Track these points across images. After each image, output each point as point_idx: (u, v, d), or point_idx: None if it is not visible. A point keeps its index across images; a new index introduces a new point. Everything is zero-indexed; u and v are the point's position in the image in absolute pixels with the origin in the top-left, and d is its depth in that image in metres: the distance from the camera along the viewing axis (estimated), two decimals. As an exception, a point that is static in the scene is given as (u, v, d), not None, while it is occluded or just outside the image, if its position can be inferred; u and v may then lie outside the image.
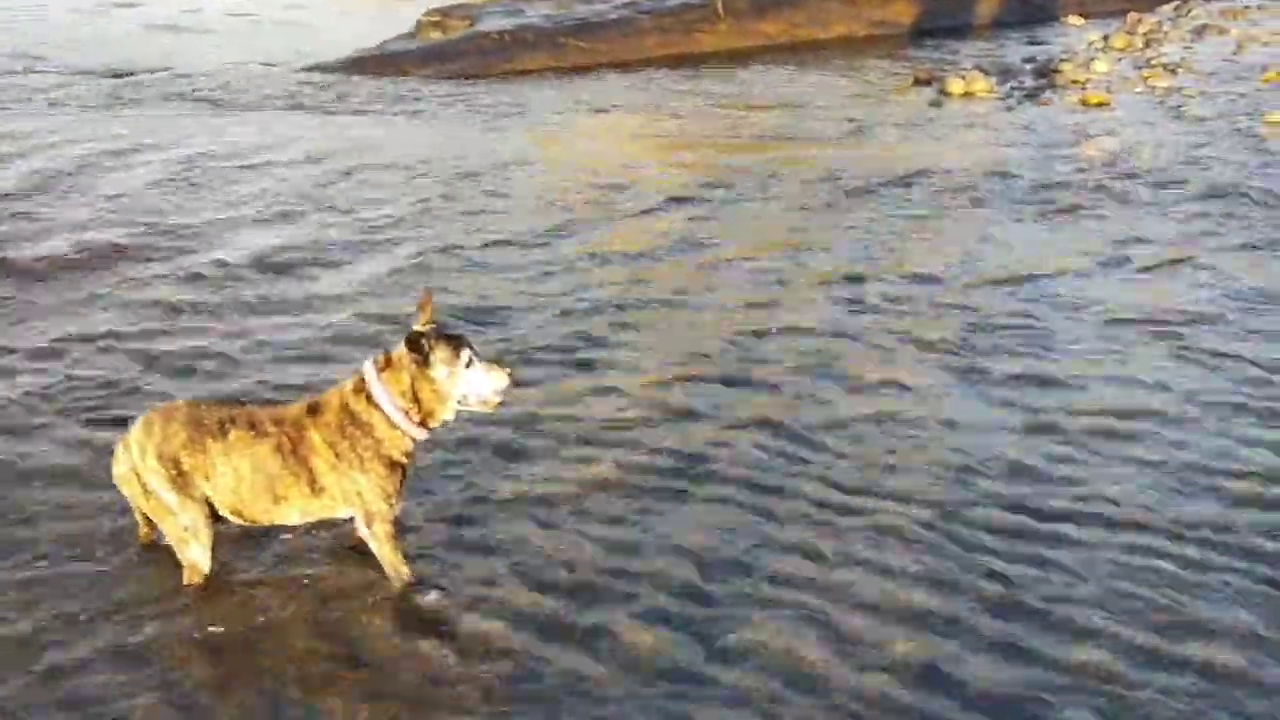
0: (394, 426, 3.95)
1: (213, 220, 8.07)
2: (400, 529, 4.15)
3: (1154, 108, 12.16)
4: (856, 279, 7.16)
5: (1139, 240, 7.91)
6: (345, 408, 3.99)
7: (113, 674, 3.66)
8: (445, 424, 4.08)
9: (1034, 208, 8.72)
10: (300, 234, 7.84)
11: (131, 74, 13.29)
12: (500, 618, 3.92)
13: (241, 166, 9.44)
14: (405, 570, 4.09)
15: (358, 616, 3.94)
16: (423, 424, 3.98)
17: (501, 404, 4.04)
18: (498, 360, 4.04)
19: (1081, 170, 9.69)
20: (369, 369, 4.00)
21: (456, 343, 3.93)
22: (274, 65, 13.89)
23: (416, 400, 3.94)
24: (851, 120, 11.76)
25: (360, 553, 4.11)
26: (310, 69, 13.70)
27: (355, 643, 3.82)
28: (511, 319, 6.49)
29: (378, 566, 4.06)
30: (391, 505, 4.04)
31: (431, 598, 4.04)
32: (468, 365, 3.91)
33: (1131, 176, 9.46)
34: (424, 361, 3.88)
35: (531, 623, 3.91)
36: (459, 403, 3.97)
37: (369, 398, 3.96)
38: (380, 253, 7.56)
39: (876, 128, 11.50)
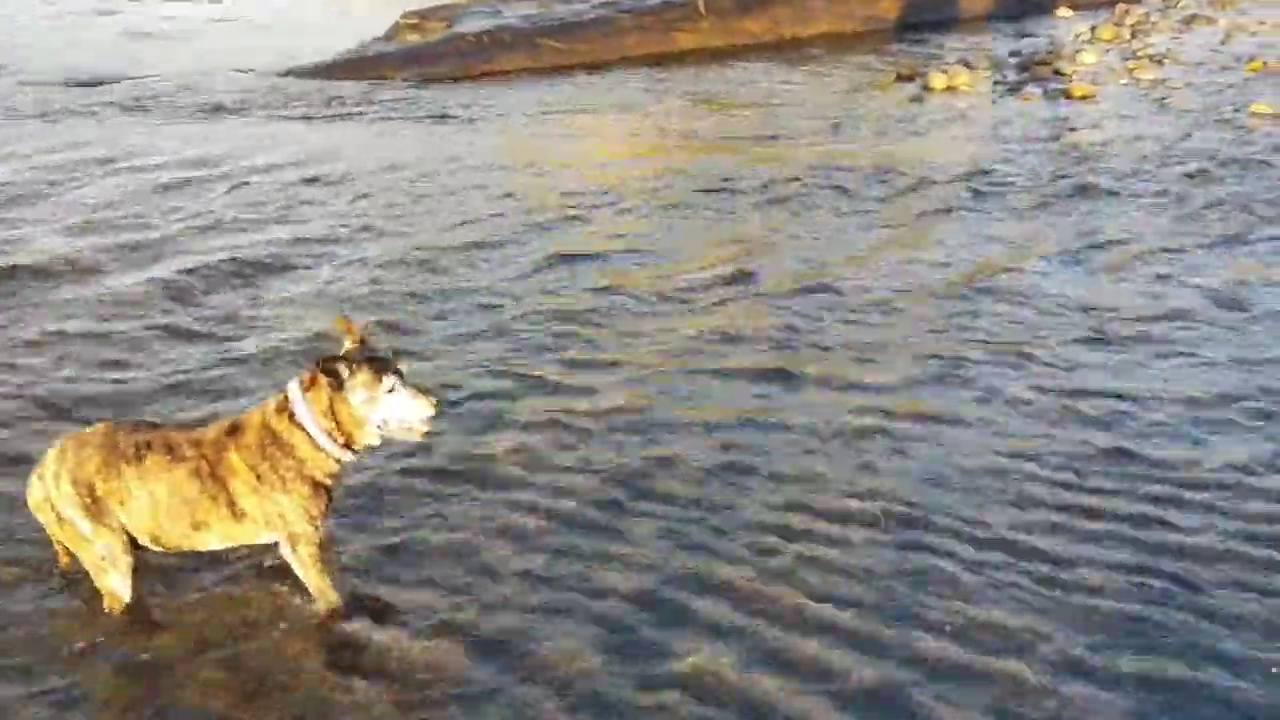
0: (318, 447, 3.81)
1: (166, 232, 7.91)
2: (328, 553, 4.01)
3: (1138, 100, 12.00)
4: (815, 283, 6.97)
5: (1106, 237, 7.75)
6: (267, 427, 3.84)
7: (31, 711, 3.52)
8: (369, 448, 3.92)
9: (1006, 204, 8.56)
10: (250, 245, 7.64)
11: (105, 82, 13.14)
12: (432, 642, 3.79)
13: (203, 176, 9.29)
14: (333, 594, 3.94)
15: (285, 642, 3.81)
16: (347, 445, 3.84)
17: (428, 434, 3.85)
18: (425, 389, 3.81)
19: (1059, 165, 9.52)
20: (293, 387, 3.85)
21: (380, 367, 3.73)
22: (248, 71, 13.73)
23: (337, 422, 3.79)
24: (831, 118, 11.58)
25: (287, 577, 3.97)
26: (284, 74, 13.55)
27: (281, 668, 3.69)
28: (458, 329, 6.32)
29: (305, 591, 3.93)
30: (316, 528, 3.89)
31: (361, 622, 3.90)
32: (390, 391, 3.71)
33: (1110, 171, 9.30)
34: (338, 385, 3.73)
35: (462, 646, 3.78)
36: (380, 428, 3.79)
37: (292, 417, 3.82)
38: (327, 264, 7.36)
39: (856, 125, 11.32)
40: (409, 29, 14.89)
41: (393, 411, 3.73)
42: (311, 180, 9.15)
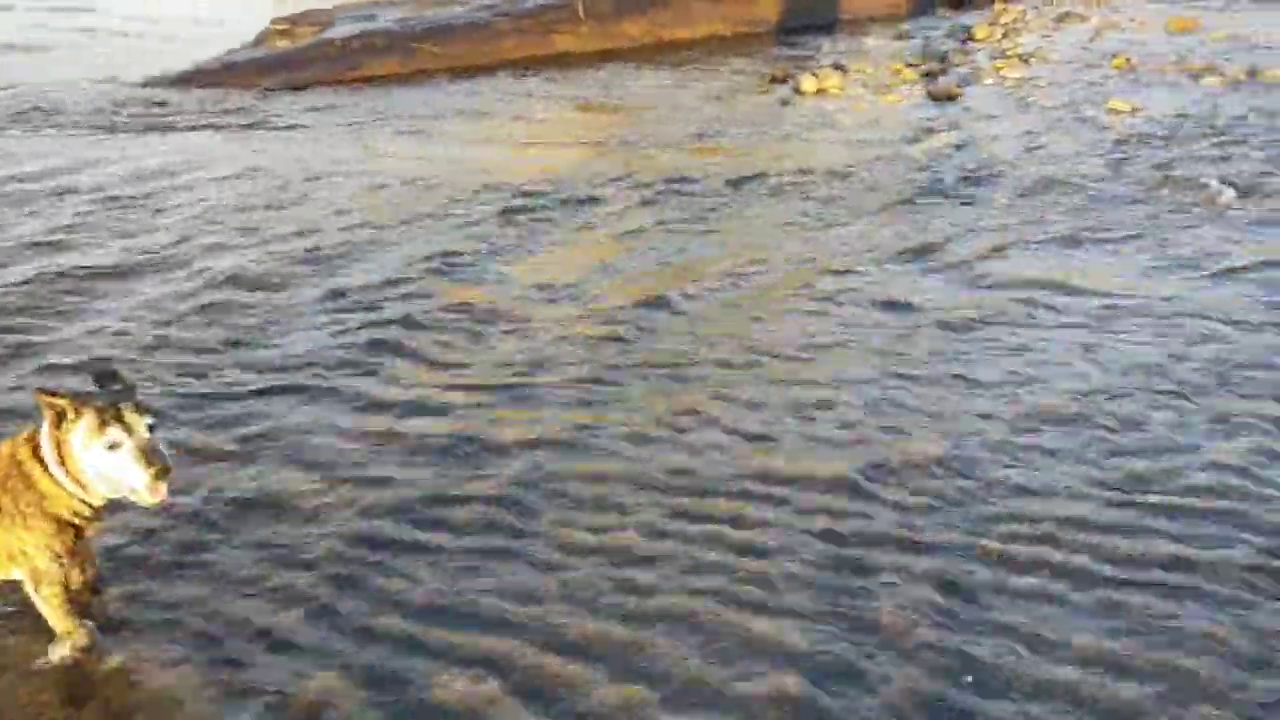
0: (58, 484, 3.60)
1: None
2: (96, 596, 3.87)
3: (1002, 99, 12.14)
4: (646, 295, 6.82)
5: (945, 236, 7.78)
6: (13, 458, 3.63)
7: None
8: (105, 498, 3.67)
9: (855, 207, 8.54)
10: (47, 271, 7.19)
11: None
12: (181, 682, 3.63)
13: (36, 192, 8.92)
14: (80, 636, 3.75)
15: (26, 687, 3.62)
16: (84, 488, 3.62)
17: (164, 504, 3.58)
18: (158, 455, 3.47)
19: (913, 167, 9.57)
20: (47, 420, 3.65)
21: (107, 420, 3.46)
22: (107, 82, 13.32)
23: (64, 461, 3.57)
24: (699, 122, 11.54)
25: (32, 618, 3.78)
26: (145, 84, 13.18)
27: (23, 715, 3.51)
28: (261, 355, 6.04)
29: (51, 633, 3.74)
30: (61, 566, 3.69)
31: (110, 664, 3.72)
32: (112, 447, 3.45)
33: (961, 171, 9.36)
34: (57, 422, 3.52)
35: (214, 690, 3.62)
36: (105, 483, 3.53)
37: (36, 449, 3.62)
38: (133, 289, 6.95)
39: (723, 129, 11.28)
40: (279, 35, 14.58)
41: (110, 469, 3.47)
42: (132, 197, 8.78)
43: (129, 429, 3.49)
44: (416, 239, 7.93)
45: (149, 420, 3.56)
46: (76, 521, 3.67)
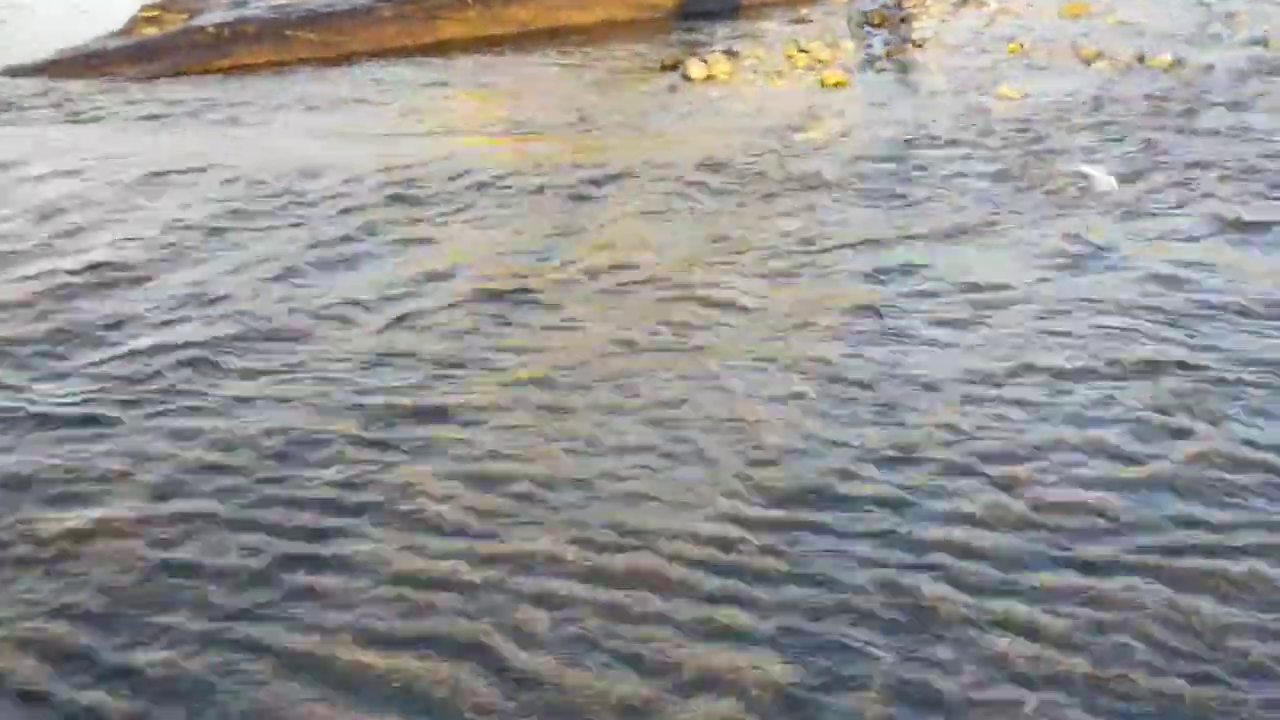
0: None
1: None
2: None
3: (894, 85, 11.89)
4: (494, 289, 6.50)
5: (816, 231, 7.45)
6: None
7: None
8: None
9: (727, 200, 8.19)
10: None
11: None
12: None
13: None
14: None
15: None
16: None
17: None
18: None
19: (792, 156, 9.23)
20: None
21: None
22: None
23: None
24: (577, 110, 11.12)
25: None
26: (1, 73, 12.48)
27: None
28: (60, 371, 5.60)
29: None
30: None
31: None
32: None
33: (840, 161, 9.05)
34: None
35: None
36: None
37: None
38: None
39: (603, 117, 10.89)
40: (147, 22, 13.89)
41: None
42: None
43: None
44: (248, 244, 7.39)
45: None
46: None
